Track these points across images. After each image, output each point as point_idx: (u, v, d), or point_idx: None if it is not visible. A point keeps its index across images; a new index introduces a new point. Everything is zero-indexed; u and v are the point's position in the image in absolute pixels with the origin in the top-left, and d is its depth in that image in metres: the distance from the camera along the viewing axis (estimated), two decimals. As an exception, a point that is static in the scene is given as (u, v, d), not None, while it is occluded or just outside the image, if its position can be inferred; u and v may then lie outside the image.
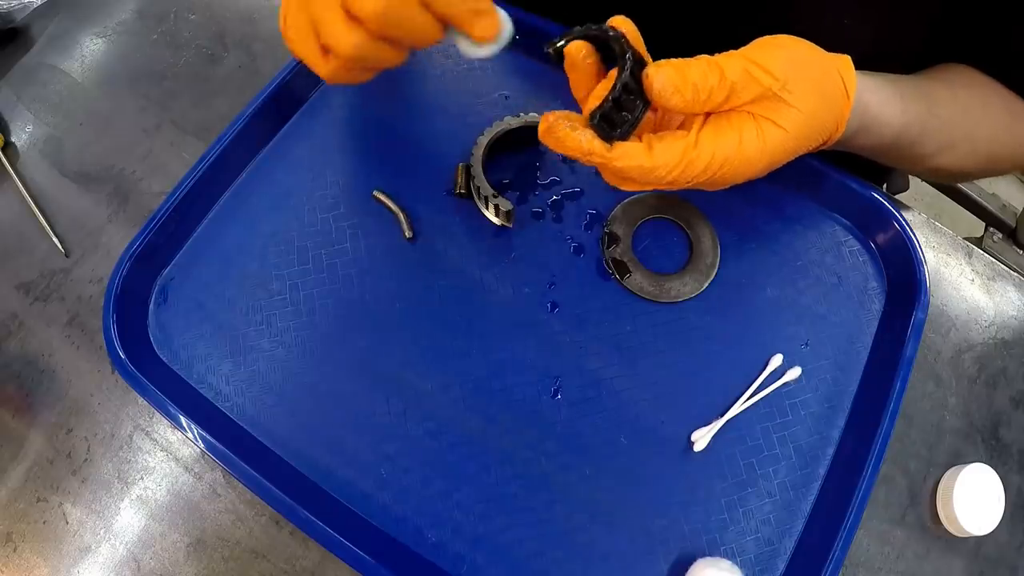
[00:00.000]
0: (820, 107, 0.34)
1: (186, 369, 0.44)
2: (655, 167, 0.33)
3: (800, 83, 0.33)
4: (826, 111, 0.35)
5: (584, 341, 0.44)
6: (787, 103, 0.33)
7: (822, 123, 0.35)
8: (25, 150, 0.55)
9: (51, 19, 0.61)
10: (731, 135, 0.33)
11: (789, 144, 0.34)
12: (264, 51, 0.58)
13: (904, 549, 0.42)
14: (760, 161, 0.34)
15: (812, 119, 0.34)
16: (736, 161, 0.33)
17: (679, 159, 0.33)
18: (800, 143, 0.35)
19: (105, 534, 0.43)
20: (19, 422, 0.46)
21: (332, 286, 0.46)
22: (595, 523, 0.40)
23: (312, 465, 0.42)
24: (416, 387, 0.43)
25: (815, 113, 0.34)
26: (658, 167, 0.33)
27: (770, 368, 0.43)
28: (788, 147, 0.34)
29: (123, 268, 0.45)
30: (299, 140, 0.51)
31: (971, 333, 0.47)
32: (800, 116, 0.33)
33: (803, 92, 0.33)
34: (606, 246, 0.47)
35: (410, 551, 0.40)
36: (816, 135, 0.35)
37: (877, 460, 0.39)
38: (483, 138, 0.47)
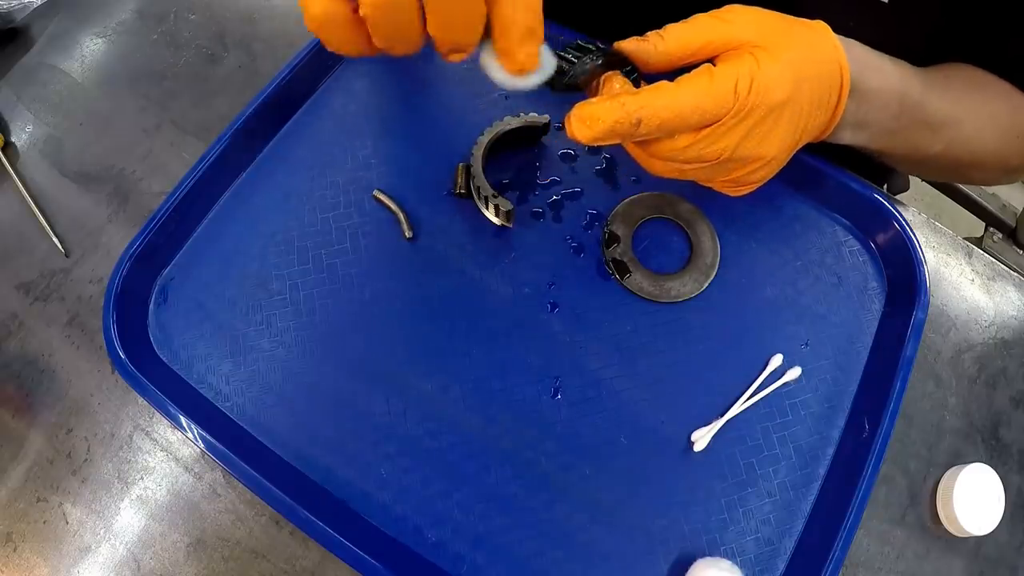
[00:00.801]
0: (808, 46, 0.35)
1: (186, 369, 0.44)
2: (682, 102, 0.32)
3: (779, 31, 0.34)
4: (816, 51, 0.35)
5: (584, 341, 0.44)
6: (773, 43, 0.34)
7: (818, 60, 0.35)
8: (25, 150, 0.55)
9: (51, 19, 0.61)
10: (745, 58, 0.33)
11: (794, 68, 0.34)
12: (264, 51, 0.58)
13: (904, 549, 0.42)
14: (783, 80, 0.33)
15: (806, 53, 0.34)
16: (761, 81, 0.33)
17: (704, 87, 0.32)
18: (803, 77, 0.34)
19: (105, 534, 0.43)
20: (19, 422, 0.46)
21: (332, 286, 0.46)
22: (595, 523, 0.40)
23: (312, 465, 0.42)
24: (416, 387, 0.43)
25: (806, 51, 0.34)
26: (686, 102, 0.32)
27: (770, 368, 0.43)
28: (794, 72, 0.34)
29: (123, 268, 0.45)
30: (299, 140, 0.51)
31: (971, 333, 0.47)
32: (790, 50, 0.34)
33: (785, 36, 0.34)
34: (606, 246, 0.47)
35: (410, 551, 0.40)
36: (816, 72, 0.35)
37: (877, 460, 0.39)
38: (483, 138, 0.47)
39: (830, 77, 0.35)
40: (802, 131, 0.36)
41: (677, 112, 0.32)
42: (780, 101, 0.33)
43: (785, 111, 0.34)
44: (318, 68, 0.52)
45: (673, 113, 0.32)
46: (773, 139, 0.35)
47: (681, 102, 0.32)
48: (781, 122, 0.34)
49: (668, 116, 0.32)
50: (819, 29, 0.36)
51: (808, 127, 0.36)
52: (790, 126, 0.35)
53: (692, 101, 0.32)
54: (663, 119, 0.32)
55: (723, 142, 0.34)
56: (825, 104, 0.36)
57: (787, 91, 0.33)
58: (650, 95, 0.32)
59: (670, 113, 0.32)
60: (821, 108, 0.36)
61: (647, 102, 0.32)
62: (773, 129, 0.34)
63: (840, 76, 0.35)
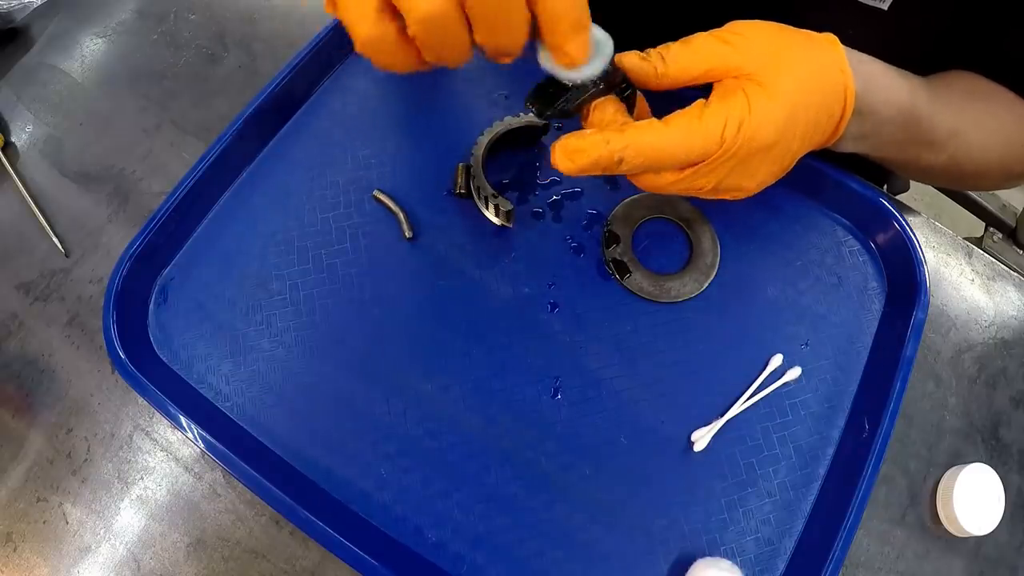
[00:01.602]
0: (810, 73, 0.34)
1: (186, 369, 0.44)
2: (667, 143, 0.32)
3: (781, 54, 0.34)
4: (819, 76, 0.34)
5: (584, 341, 0.44)
6: (773, 74, 0.33)
7: (819, 87, 0.34)
8: (25, 150, 0.55)
9: (51, 19, 0.61)
10: (738, 97, 0.33)
11: (788, 106, 0.33)
12: (264, 51, 0.58)
13: (904, 549, 0.42)
14: (773, 124, 0.33)
15: (806, 80, 0.34)
16: (750, 127, 0.32)
17: (691, 129, 0.32)
18: (799, 110, 0.34)
19: (105, 534, 0.43)
20: (19, 422, 0.46)
21: (332, 286, 0.46)
22: (595, 523, 0.40)
23: (312, 465, 0.42)
24: (416, 387, 0.43)
25: (806, 78, 0.34)
26: (671, 142, 0.32)
27: (770, 368, 0.43)
28: (788, 112, 0.33)
29: (123, 268, 0.45)
30: (299, 140, 0.51)
31: (971, 333, 0.47)
32: (789, 81, 0.33)
33: (785, 61, 0.34)
34: (606, 246, 0.47)
35: (410, 551, 0.40)
36: (817, 101, 0.34)
37: (877, 460, 0.39)
38: (483, 138, 0.47)
39: (830, 102, 0.35)
40: (794, 156, 0.36)
41: (661, 152, 0.33)
42: (768, 144, 0.33)
43: (773, 150, 0.34)
44: (318, 68, 0.52)
45: (657, 152, 0.33)
46: (757, 174, 0.35)
47: (667, 143, 0.32)
48: (767, 159, 0.34)
49: (652, 155, 0.33)
50: (826, 47, 0.35)
51: (801, 150, 0.36)
52: (777, 160, 0.35)
53: (678, 142, 0.32)
54: (647, 157, 0.33)
55: (706, 180, 0.34)
56: (823, 127, 0.36)
57: (776, 133, 0.33)
58: (636, 133, 0.32)
59: (655, 152, 0.33)
60: (818, 131, 0.35)
61: (632, 140, 0.32)
62: (759, 166, 0.35)
63: (843, 99, 0.35)
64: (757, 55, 0.34)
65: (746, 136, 0.33)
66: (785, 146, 0.34)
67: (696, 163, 0.34)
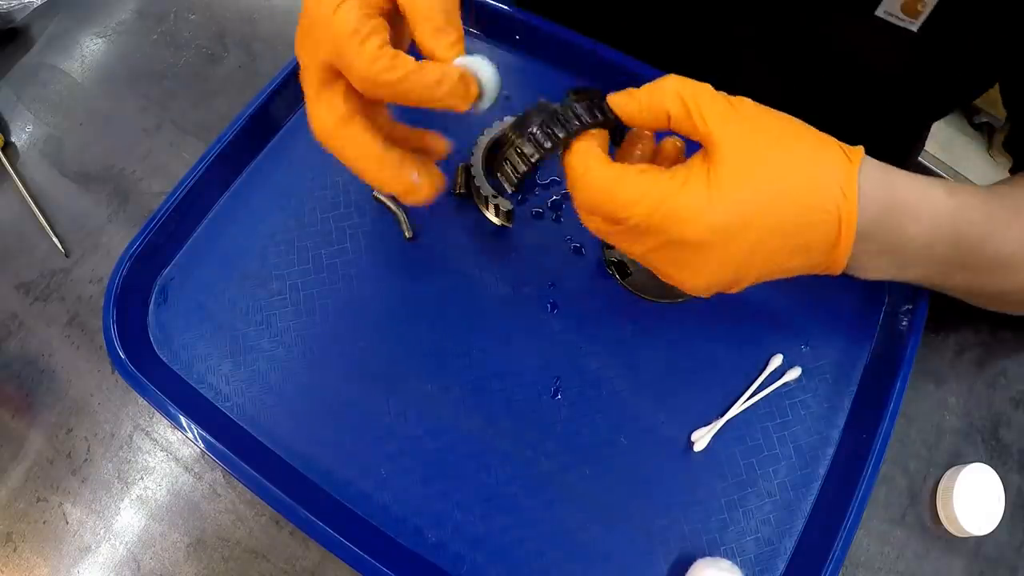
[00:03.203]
0: (791, 186, 0.29)
1: (186, 369, 0.44)
2: (591, 181, 0.31)
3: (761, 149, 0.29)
4: (803, 193, 0.29)
5: (584, 341, 0.44)
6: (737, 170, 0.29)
7: (796, 206, 0.29)
8: (25, 150, 0.55)
9: (51, 19, 0.61)
10: (682, 172, 0.30)
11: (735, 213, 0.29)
12: (264, 51, 0.58)
13: (904, 549, 0.42)
14: (704, 223, 0.29)
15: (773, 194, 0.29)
16: (671, 210, 0.29)
17: (613, 176, 0.30)
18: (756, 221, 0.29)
19: (105, 534, 0.43)
20: (19, 422, 0.46)
21: (332, 286, 0.46)
22: (595, 523, 0.40)
23: (312, 465, 0.42)
24: (416, 387, 0.43)
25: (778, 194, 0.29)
26: (593, 182, 0.31)
27: (770, 368, 0.43)
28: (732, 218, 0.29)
29: (123, 268, 0.45)
30: (299, 140, 0.51)
31: (971, 333, 0.47)
32: (751, 185, 0.29)
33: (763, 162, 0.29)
34: (606, 247, 0.47)
35: (410, 551, 0.40)
36: (789, 219, 0.29)
37: (877, 460, 0.39)
38: (483, 138, 0.47)
39: (812, 225, 0.30)
40: (752, 273, 0.32)
41: (584, 186, 0.31)
42: (696, 241, 0.29)
43: (707, 253, 0.30)
44: (318, 68, 0.52)
45: (580, 184, 0.31)
46: (699, 273, 0.31)
47: (590, 180, 0.31)
48: (706, 261, 0.30)
49: (575, 182, 0.31)
50: (834, 162, 0.30)
51: (766, 271, 0.32)
52: (724, 267, 0.31)
53: (599, 185, 0.31)
54: (572, 181, 0.32)
55: (631, 246, 0.32)
56: (801, 254, 0.31)
57: (709, 234, 0.29)
58: (577, 157, 0.32)
59: (577, 181, 0.31)
60: (794, 255, 0.31)
61: (571, 161, 0.32)
62: (697, 264, 0.31)
63: (836, 226, 0.30)
64: (733, 141, 0.29)
65: (662, 219, 0.29)
66: (729, 255, 0.30)
67: (619, 220, 0.31)
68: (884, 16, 0.40)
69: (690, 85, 0.31)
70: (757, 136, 0.30)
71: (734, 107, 0.31)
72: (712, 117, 0.30)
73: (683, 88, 0.31)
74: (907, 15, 0.40)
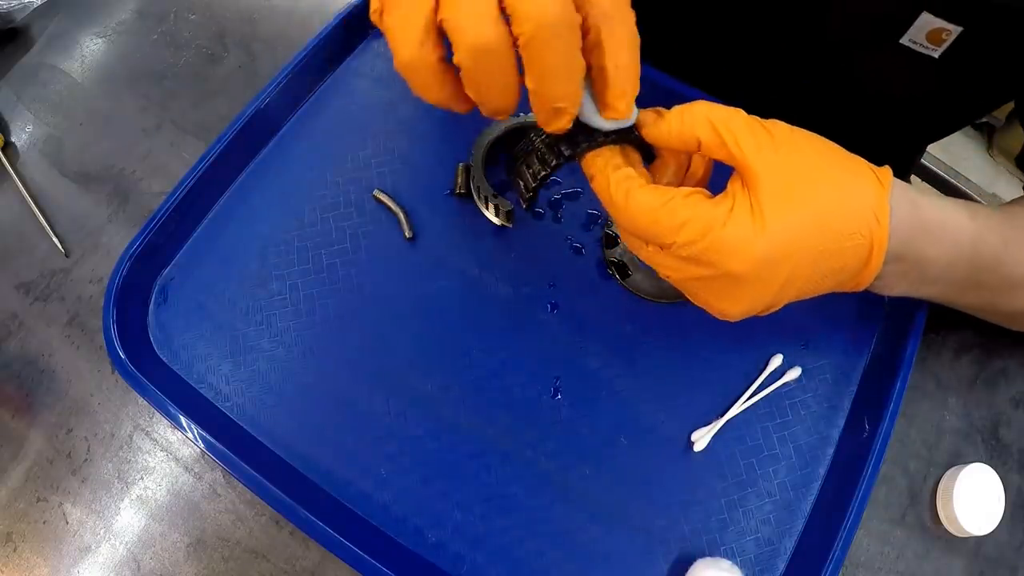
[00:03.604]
0: (829, 213, 0.30)
1: (186, 369, 0.44)
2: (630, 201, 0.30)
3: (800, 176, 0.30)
4: (839, 221, 0.30)
5: (584, 341, 0.44)
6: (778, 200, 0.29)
7: (834, 233, 0.30)
8: (25, 150, 0.55)
9: (51, 19, 0.61)
10: (727, 203, 0.30)
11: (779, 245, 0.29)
12: (264, 51, 0.58)
13: (904, 549, 0.42)
14: (748, 256, 0.29)
15: (816, 222, 0.29)
16: (715, 242, 0.29)
17: (657, 199, 0.30)
18: (796, 251, 0.29)
19: (105, 534, 0.43)
20: (19, 422, 0.46)
21: (332, 286, 0.46)
22: (595, 523, 0.40)
23: (312, 465, 0.42)
24: (416, 387, 0.43)
25: (817, 220, 0.29)
26: (632, 203, 0.30)
27: (770, 368, 0.43)
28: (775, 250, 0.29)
29: (123, 268, 0.45)
30: (299, 140, 0.51)
31: (971, 333, 0.47)
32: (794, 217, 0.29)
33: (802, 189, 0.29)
34: (606, 247, 0.47)
35: (410, 551, 0.40)
36: (827, 247, 0.30)
37: (877, 460, 0.39)
38: (483, 138, 0.47)
39: (846, 252, 0.30)
40: (787, 297, 0.32)
41: (618, 205, 0.31)
42: (737, 274, 0.29)
43: (746, 284, 0.30)
44: (318, 68, 0.52)
45: (613, 202, 0.31)
46: (730, 300, 0.31)
47: (629, 200, 0.31)
48: (743, 289, 0.30)
49: (609, 201, 0.31)
50: (867, 186, 0.31)
51: (800, 294, 0.32)
52: (759, 296, 0.31)
53: (637, 207, 0.30)
54: (606, 199, 0.31)
55: (667, 269, 0.32)
56: (833, 276, 0.31)
57: (751, 266, 0.29)
58: (615, 173, 0.31)
59: (612, 200, 0.31)
60: (825, 279, 0.31)
61: (611, 175, 0.31)
62: (732, 291, 0.31)
63: (868, 252, 0.31)
64: (770, 170, 0.29)
65: (707, 247, 0.29)
66: (769, 283, 0.30)
67: (666, 246, 0.30)
68: (908, 44, 0.41)
69: (721, 111, 0.31)
70: (793, 163, 0.30)
71: (769, 132, 0.30)
72: (747, 145, 0.30)
73: (714, 115, 0.31)
74: (931, 43, 0.40)
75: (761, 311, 0.32)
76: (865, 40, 0.43)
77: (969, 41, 0.39)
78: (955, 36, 0.39)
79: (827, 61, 0.45)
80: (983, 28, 0.38)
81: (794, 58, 0.46)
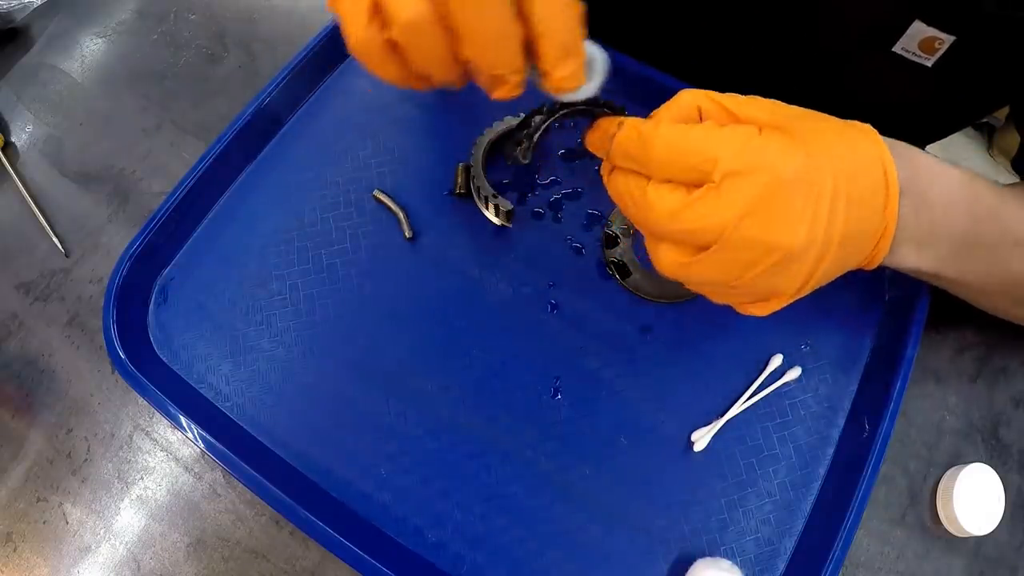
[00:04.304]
0: (842, 141, 0.30)
1: (186, 369, 0.44)
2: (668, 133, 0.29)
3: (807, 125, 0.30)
4: (852, 147, 0.30)
5: (584, 341, 0.44)
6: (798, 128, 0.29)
7: (852, 157, 0.30)
8: (25, 150, 0.55)
9: (51, 19, 0.61)
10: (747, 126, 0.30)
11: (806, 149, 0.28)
12: (264, 51, 0.58)
13: (904, 549, 0.42)
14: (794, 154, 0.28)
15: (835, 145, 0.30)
16: (759, 145, 0.28)
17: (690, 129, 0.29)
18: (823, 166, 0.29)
19: (105, 534, 0.43)
20: (19, 422, 0.46)
21: (332, 286, 0.46)
22: (595, 523, 0.40)
23: (312, 465, 0.42)
24: (416, 387, 0.43)
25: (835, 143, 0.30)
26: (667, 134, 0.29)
27: (770, 368, 0.43)
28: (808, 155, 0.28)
29: (123, 268, 0.45)
30: (299, 140, 0.51)
31: (971, 333, 0.47)
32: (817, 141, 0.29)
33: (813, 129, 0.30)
34: (606, 247, 0.47)
35: (410, 551, 0.40)
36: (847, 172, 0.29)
37: (877, 460, 0.39)
38: (483, 138, 0.47)
39: (869, 174, 0.30)
40: (837, 229, 0.29)
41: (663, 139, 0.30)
42: (787, 176, 0.28)
43: (797, 188, 0.28)
44: (318, 68, 0.52)
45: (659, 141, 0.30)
46: (785, 221, 0.28)
47: (666, 133, 0.30)
48: (795, 202, 0.28)
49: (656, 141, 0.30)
50: (861, 127, 0.32)
51: (847, 230, 0.30)
52: (810, 210, 0.28)
53: (678, 135, 0.30)
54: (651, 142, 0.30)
55: (719, 213, 0.28)
56: (867, 202, 0.30)
57: (797, 164, 0.28)
58: (649, 123, 0.31)
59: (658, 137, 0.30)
60: (861, 205, 0.30)
61: (645, 125, 0.31)
62: (784, 208, 0.28)
63: (884, 175, 0.30)
64: (774, 114, 0.30)
65: (753, 156, 0.28)
66: (820, 194, 0.28)
67: (706, 173, 0.28)
68: (901, 52, 0.41)
69: (708, 92, 0.32)
70: (791, 114, 0.31)
71: (757, 100, 0.31)
72: (742, 109, 0.31)
73: (706, 92, 0.32)
74: (924, 52, 0.40)
75: (819, 249, 0.29)
76: (857, 48, 0.43)
77: (962, 50, 0.39)
78: (948, 45, 0.39)
79: (819, 69, 0.46)
80: (976, 37, 0.39)
81: (786, 66, 0.47)
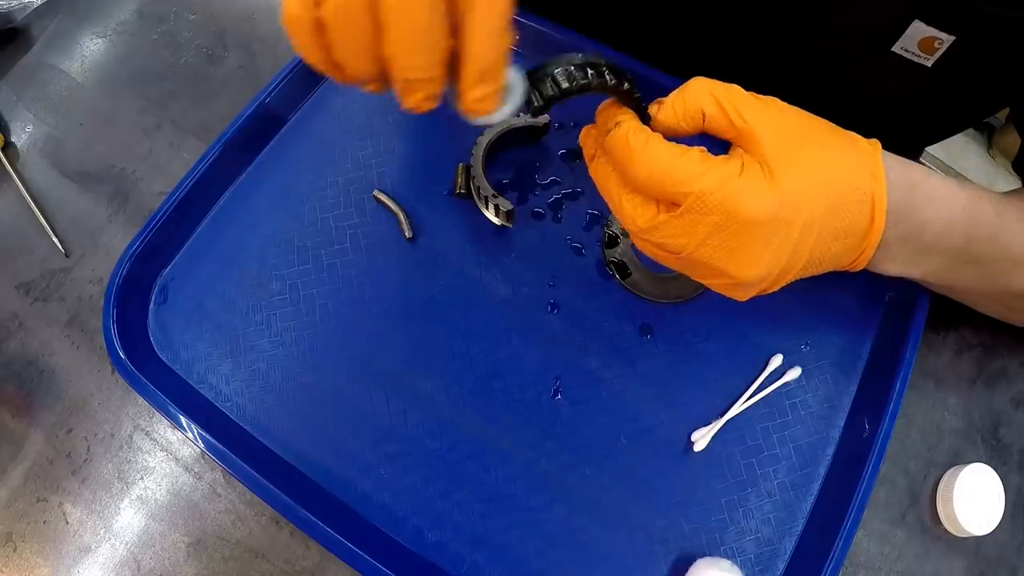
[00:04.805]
0: (830, 172, 0.31)
1: (186, 369, 0.44)
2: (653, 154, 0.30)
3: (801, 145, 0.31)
4: (840, 178, 0.31)
5: (584, 341, 0.44)
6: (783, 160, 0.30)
7: (837, 189, 0.31)
8: (25, 150, 0.55)
9: (51, 19, 0.61)
10: (735, 160, 0.30)
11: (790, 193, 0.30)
12: (264, 51, 0.58)
13: (904, 549, 0.42)
14: (765, 200, 0.29)
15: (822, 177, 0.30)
16: (734, 188, 0.29)
17: (672, 150, 0.30)
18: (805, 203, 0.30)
19: (105, 534, 0.43)
20: (19, 422, 0.46)
21: (332, 286, 0.46)
22: (595, 523, 0.40)
23: (312, 465, 0.42)
24: (416, 387, 0.43)
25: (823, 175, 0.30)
26: (651, 155, 0.30)
27: (770, 368, 0.43)
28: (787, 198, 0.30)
29: (123, 268, 0.45)
30: (299, 140, 0.51)
31: (971, 333, 0.47)
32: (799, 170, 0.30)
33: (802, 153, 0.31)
34: (606, 247, 0.47)
35: (410, 551, 0.40)
36: (832, 203, 0.31)
37: (877, 460, 0.39)
38: (483, 138, 0.47)
39: (850, 210, 0.31)
40: (801, 260, 0.32)
41: (636, 154, 0.30)
42: (758, 218, 0.29)
43: (766, 231, 0.30)
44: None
45: (642, 159, 0.30)
46: (748, 258, 0.31)
47: (651, 153, 0.30)
48: (755, 243, 0.30)
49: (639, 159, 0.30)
50: (860, 151, 0.32)
51: (814, 258, 0.32)
52: (776, 251, 0.31)
53: (661, 158, 0.30)
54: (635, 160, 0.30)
55: (680, 238, 0.31)
56: (841, 239, 0.32)
57: (769, 210, 0.29)
58: (638, 136, 0.31)
59: (642, 156, 0.30)
60: (835, 240, 0.32)
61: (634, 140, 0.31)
62: (749, 247, 0.30)
63: (870, 209, 0.32)
64: (773, 134, 0.31)
65: (726, 196, 0.29)
66: (786, 237, 0.30)
67: (677, 200, 0.30)
68: (900, 52, 0.41)
69: (720, 85, 0.32)
70: (792, 129, 0.32)
71: (765, 103, 0.32)
72: (748, 112, 0.31)
73: (714, 88, 0.32)
74: (923, 52, 0.40)
75: (776, 275, 0.32)
76: (856, 48, 0.43)
77: (962, 50, 0.39)
78: (948, 45, 0.39)
79: (819, 69, 0.46)
80: (975, 37, 0.38)
81: (786, 66, 0.47)
